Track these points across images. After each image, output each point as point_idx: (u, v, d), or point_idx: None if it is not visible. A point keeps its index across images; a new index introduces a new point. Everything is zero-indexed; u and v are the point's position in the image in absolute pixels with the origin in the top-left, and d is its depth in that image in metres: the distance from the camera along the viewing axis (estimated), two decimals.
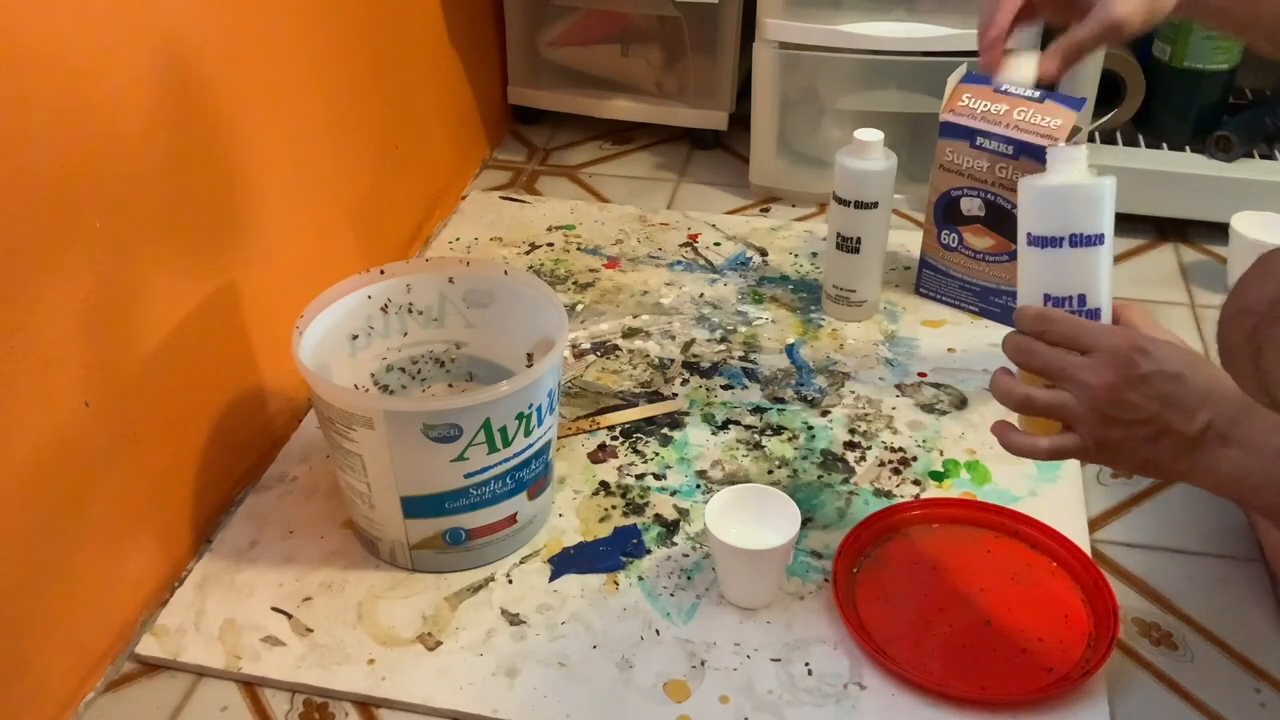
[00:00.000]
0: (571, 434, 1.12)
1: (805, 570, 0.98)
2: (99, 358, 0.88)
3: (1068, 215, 0.77)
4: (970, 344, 1.25)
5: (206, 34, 0.97)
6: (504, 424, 0.90)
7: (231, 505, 1.07)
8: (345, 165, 1.25)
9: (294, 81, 1.13)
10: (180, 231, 0.97)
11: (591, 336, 1.27)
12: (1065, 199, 0.77)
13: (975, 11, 0.99)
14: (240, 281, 1.05)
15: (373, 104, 1.30)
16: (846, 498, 1.05)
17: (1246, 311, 1.03)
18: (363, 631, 0.93)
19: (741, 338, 1.26)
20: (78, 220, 0.84)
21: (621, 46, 1.63)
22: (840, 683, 0.88)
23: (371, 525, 0.97)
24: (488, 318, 1.07)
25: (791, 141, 1.54)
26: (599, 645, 0.92)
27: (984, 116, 1.18)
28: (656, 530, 1.02)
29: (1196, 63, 1.41)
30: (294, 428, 1.15)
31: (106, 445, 0.90)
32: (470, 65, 1.56)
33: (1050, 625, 0.92)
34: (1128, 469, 0.77)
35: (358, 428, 0.89)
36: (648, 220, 1.49)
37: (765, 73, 1.45)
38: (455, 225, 1.48)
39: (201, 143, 0.98)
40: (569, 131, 1.72)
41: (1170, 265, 1.40)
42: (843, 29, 1.39)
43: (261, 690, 0.90)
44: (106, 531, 0.91)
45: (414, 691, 0.88)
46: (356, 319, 1.03)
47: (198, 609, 0.96)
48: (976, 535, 1.00)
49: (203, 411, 1.03)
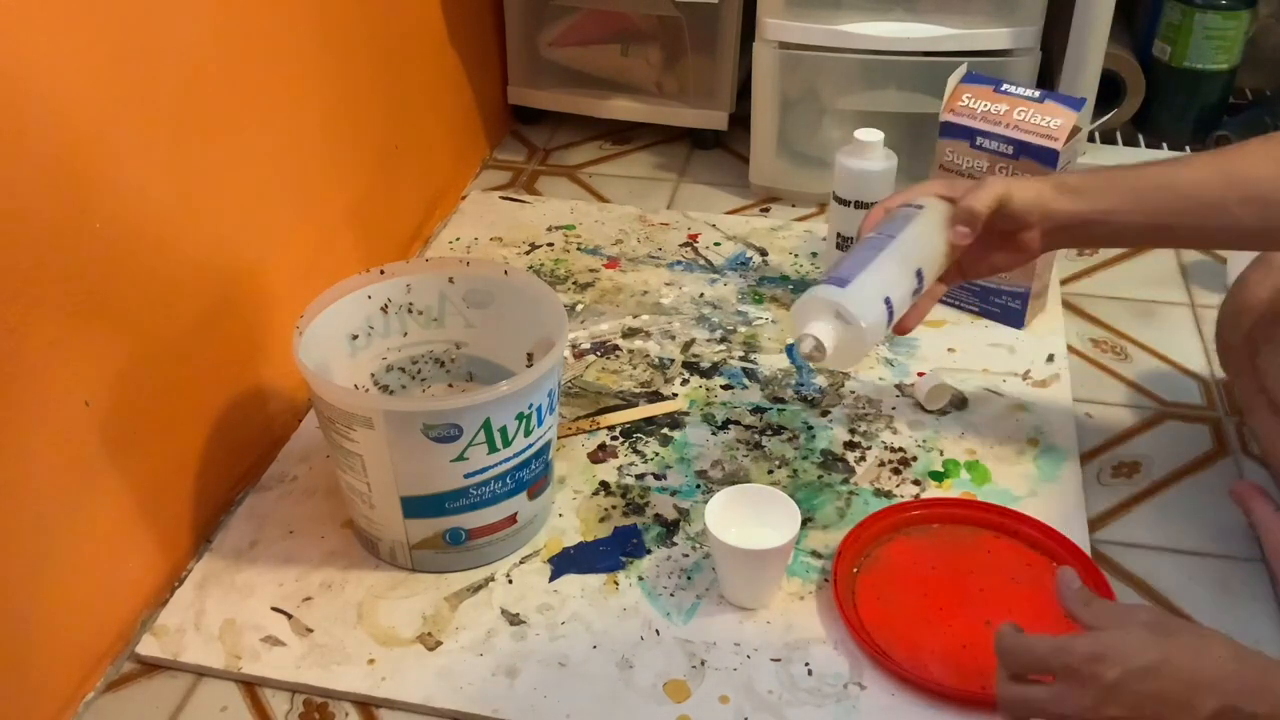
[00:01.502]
0: (571, 434, 1.12)
1: (805, 570, 0.98)
2: (99, 358, 0.88)
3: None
4: (970, 344, 1.25)
5: (206, 34, 0.97)
6: (504, 424, 0.90)
7: (231, 505, 1.07)
8: (345, 165, 1.25)
9: (294, 82, 1.13)
10: (180, 231, 0.97)
11: (591, 336, 1.27)
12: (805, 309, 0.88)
13: (975, 11, 0.99)
14: (240, 281, 1.05)
15: (372, 104, 1.30)
16: (846, 498, 1.05)
17: (1244, 311, 1.04)
18: (363, 631, 0.93)
19: (741, 338, 1.26)
20: (78, 220, 0.84)
21: (621, 46, 1.63)
22: (840, 683, 0.88)
23: (371, 525, 0.97)
24: (488, 318, 1.07)
25: (791, 141, 1.54)
26: (599, 645, 0.92)
27: (984, 116, 1.18)
28: (656, 530, 1.02)
29: (1196, 63, 1.41)
30: (294, 428, 1.15)
31: (106, 445, 0.90)
32: (470, 65, 1.56)
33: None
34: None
35: (358, 428, 0.89)
36: (648, 220, 1.49)
37: (765, 73, 1.45)
38: (455, 225, 1.48)
39: (201, 143, 0.98)
40: (569, 131, 1.72)
41: (1170, 265, 1.40)
42: (843, 29, 1.39)
43: (261, 690, 0.90)
44: (106, 531, 0.91)
45: (414, 691, 0.88)
46: (356, 319, 1.03)
47: (198, 609, 0.96)
48: (976, 535, 1.00)
49: (203, 411, 1.03)
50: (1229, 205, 0.87)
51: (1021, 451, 1.10)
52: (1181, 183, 0.89)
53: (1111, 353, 1.26)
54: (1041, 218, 0.92)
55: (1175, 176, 0.89)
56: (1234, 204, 0.87)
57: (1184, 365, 1.24)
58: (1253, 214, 0.87)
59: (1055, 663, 0.70)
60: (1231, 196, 0.87)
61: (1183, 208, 0.89)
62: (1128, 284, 1.37)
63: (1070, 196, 0.91)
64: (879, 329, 0.88)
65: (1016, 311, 1.26)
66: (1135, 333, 1.29)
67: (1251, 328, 1.02)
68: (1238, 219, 0.87)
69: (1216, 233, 0.91)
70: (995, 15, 1.36)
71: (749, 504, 0.95)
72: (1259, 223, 0.87)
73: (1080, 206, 0.91)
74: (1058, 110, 1.16)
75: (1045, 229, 0.92)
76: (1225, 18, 1.39)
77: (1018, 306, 1.25)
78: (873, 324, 0.86)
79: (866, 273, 0.88)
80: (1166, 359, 1.25)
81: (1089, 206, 0.91)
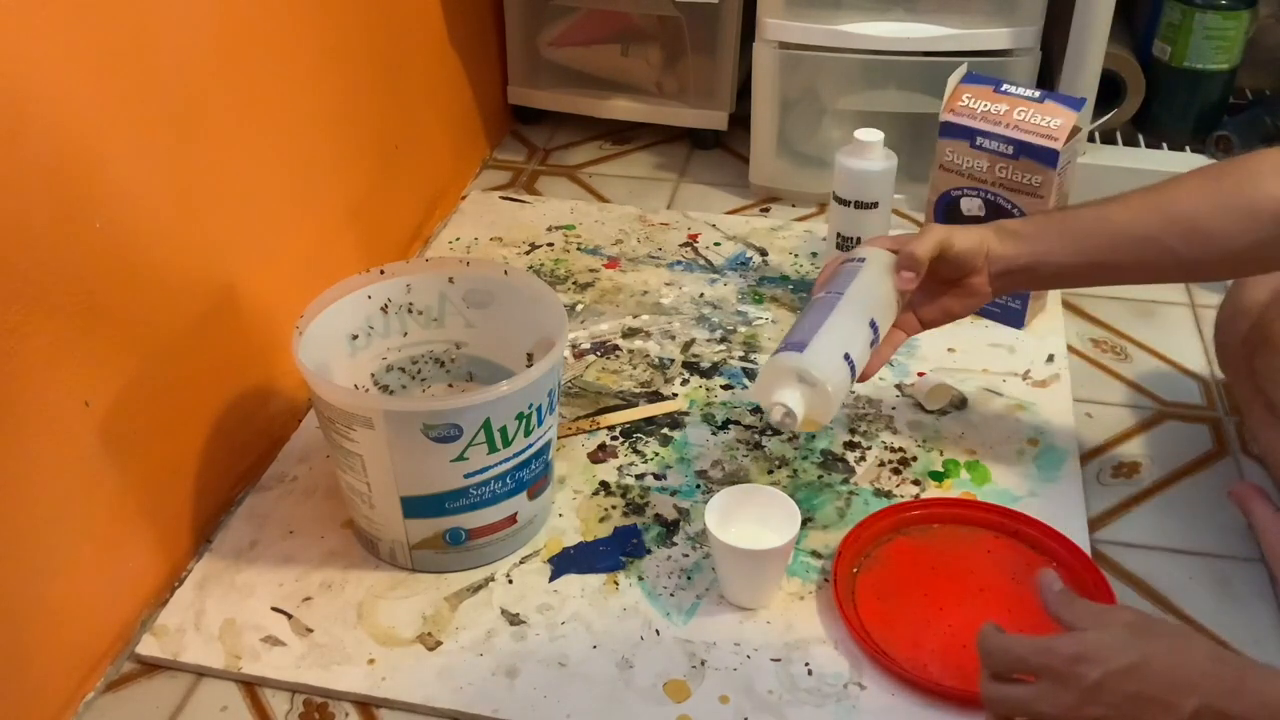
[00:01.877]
0: (571, 434, 1.12)
1: (805, 570, 0.98)
2: (99, 358, 0.88)
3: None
4: (970, 344, 1.24)
5: (206, 35, 0.97)
6: (504, 424, 0.90)
7: (231, 505, 1.07)
8: (345, 165, 1.25)
9: (294, 81, 1.13)
10: (180, 231, 0.97)
11: (591, 336, 1.27)
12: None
13: (975, 11, 1.00)
14: (240, 282, 1.05)
15: (372, 104, 1.30)
16: (846, 498, 1.05)
17: (1242, 314, 1.04)
18: (363, 631, 0.93)
19: (741, 338, 1.26)
20: (78, 219, 0.84)
21: (621, 46, 1.63)
22: (840, 683, 0.88)
23: (371, 525, 0.97)
24: (488, 318, 1.07)
25: (791, 141, 1.54)
26: (599, 645, 0.92)
27: (984, 116, 1.18)
28: (656, 530, 1.02)
29: (1196, 63, 1.41)
30: (294, 428, 1.15)
31: (106, 445, 0.90)
32: (470, 65, 1.56)
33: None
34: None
35: (358, 428, 0.89)
36: (648, 220, 1.49)
37: (765, 73, 1.45)
38: (455, 225, 1.48)
39: (201, 143, 0.98)
40: (569, 131, 1.72)
41: None
42: (843, 29, 1.39)
43: (261, 690, 0.90)
44: (106, 531, 0.91)
45: (414, 691, 0.88)
46: (356, 319, 1.03)
47: (198, 609, 0.96)
48: (976, 535, 1.00)
49: (203, 411, 1.03)
50: (1167, 241, 0.89)
51: (1021, 451, 1.10)
52: (1118, 221, 0.91)
53: (1111, 353, 1.26)
54: (986, 262, 0.94)
55: (1112, 217, 0.92)
56: (1173, 239, 0.89)
57: (1184, 365, 1.24)
58: (1192, 249, 0.89)
59: (1036, 663, 0.71)
60: (1171, 232, 0.89)
61: (1121, 245, 0.91)
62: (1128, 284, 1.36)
63: (1010, 241, 0.94)
64: (844, 387, 0.89)
65: (1016, 311, 1.26)
66: (1135, 333, 1.29)
67: (1249, 330, 1.03)
68: (1176, 254, 0.89)
69: (1156, 269, 0.93)
70: (995, 15, 1.36)
71: (749, 504, 0.95)
72: (1198, 255, 0.89)
73: (1019, 249, 0.93)
74: (1058, 110, 1.16)
75: (992, 273, 0.95)
76: (1225, 18, 1.39)
77: (1018, 306, 1.25)
78: (837, 384, 0.88)
79: (822, 333, 0.89)
80: (1166, 359, 1.25)
81: (1028, 249, 0.93)
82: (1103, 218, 0.92)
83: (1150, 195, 0.91)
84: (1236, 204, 0.87)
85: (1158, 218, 0.90)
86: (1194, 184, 0.90)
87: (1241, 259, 0.90)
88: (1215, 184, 0.89)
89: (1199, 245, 0.89)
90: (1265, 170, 0.87)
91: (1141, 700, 0.67)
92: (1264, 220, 0.86)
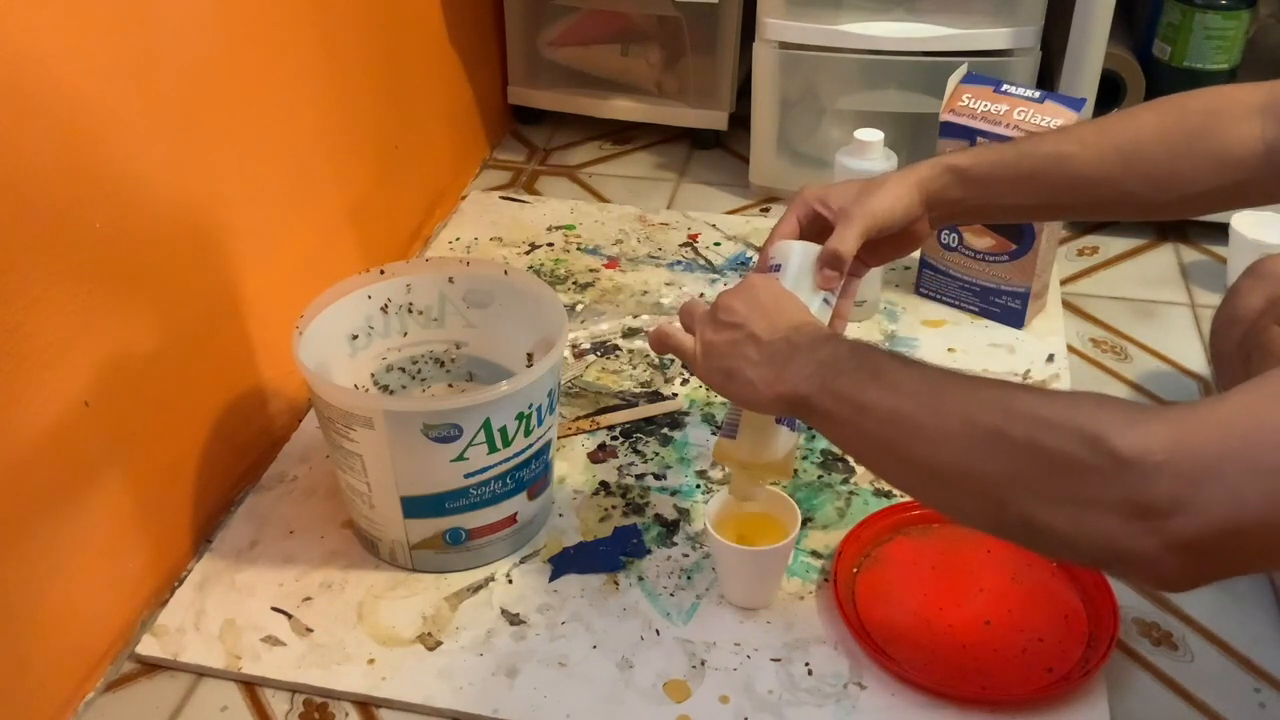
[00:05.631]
0: (571, 434, 1.12)
1: (805, 570, 0.98)
2: (99, 358, 0.88)
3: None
4: (970, 344, 1.24)
5: (206, 36, 0.97)
6: (504, 424, 0.90)
7: (231, 505, 1.07)
8: (345, 165, 1.25)
9: (294, 81, 1.13)
10: (181, 231, 0.97)
11: (591, 336, 1.27)
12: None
13: (975, 11, 0.99)
14: (240, 281, 1.05)
15: (372, 104, 1.30)
16: (846, 498, 1.05)
17: (1237, 320, 1.04)
18: (363, 631, 0.93)
19: None
20: (78, 219, 0.84)
21: (621, 46, 1.63)
22: (840, 683, 0.88)
23: (371, 525, 0.97)
24: (488, 318, 1.07)
25: (791, 141, 1.54)
26: (599, 645, 0.92)
27: (984, 116, 1.18)
28: (656, 530, 1.02)
29: (1196, 63, 1.41)
30: (294, 428, 1.15)
31: (106, 445, 0.90)
32: (470, 65, 1.56)
33: (1050, 625, 0.92)
34: (716, 381, 0.80)
35: (358, 428, 0.89)
36: (648, 220, 1.49)
37: (765, 73, 1.45)
38: (455, 225, 1.48)
39: (201, 143, 0.98)
40: (569, 131, 1.72)
41: (1170, 265, 1.40)
42: (843, 29, 1.39)
43: (261, 690, 0.90)
44: (107, 531, 0.91)
45: (414, 691, 0.88)
46: (356, 319, 1.03)
47: (198, 609, 0.96)
48: (976, 535, 1.00)
49: (203, 411, 1.03)
50: (1127, 185, 0.88)
51: None
52: (1076, 163, 0.88)
53: (1111, 353, 1.26)
54: (925, 209, 0.90)
55: (1069, 158, 0.88)
56: (1133, 183, 0.87)
57: (1184, 365, 1.24)
58: (1154, 192, 0.88)
59: (699, 311, 0.82)
60: (1131, 176, 0.87)
61: (1079, 188, 0.89)
62: (1128, 284, 1.37)
63: (958, 184, 0.90)
64: (789, 441, 0.86)
65: (1016, 311, 1.26)
66: (1135, 333, 1.29)
67: (1243, 337, 1.03)
68: (1135, 196, 0.88)
69: (1112, 208, 0.94)
70: (995, 15, 1.36)
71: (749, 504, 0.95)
72: (1159, 199, 0.88)
73: (967, 193, 0.90)
74: (1058, 110, 1.16)
75: (933, 216, 0.92)
76: (1225, 18, 1.39)
77: (1018, 306, 1.25)
78: (785, 450, 0.86)
79: None
80: (1166, 359, 1.25)
81: (978, 193, 0.90)
82: (1060, 158, 0.89)
83: (1109, 134, 0.89)
84: (1203, 148, 0.85)
85: (1117, 160, 0.88)
86: (1154, 123, 0.88)
87: (1202, 201, 0.88)
88: (1178, 125, 0.87)
89: (1161, 188, 0.87)
90: (1233, 111, 0.85)
91: (757, 308, 0.78)
92: (1231, 165, 0.84)
